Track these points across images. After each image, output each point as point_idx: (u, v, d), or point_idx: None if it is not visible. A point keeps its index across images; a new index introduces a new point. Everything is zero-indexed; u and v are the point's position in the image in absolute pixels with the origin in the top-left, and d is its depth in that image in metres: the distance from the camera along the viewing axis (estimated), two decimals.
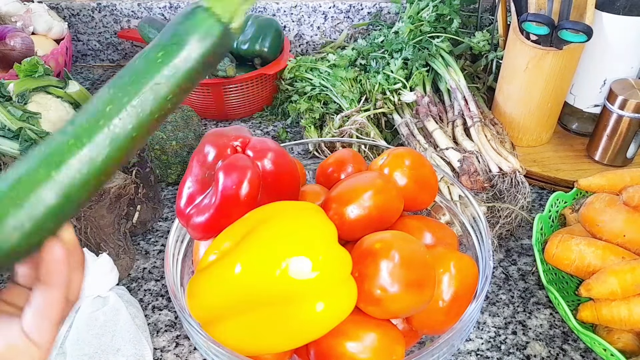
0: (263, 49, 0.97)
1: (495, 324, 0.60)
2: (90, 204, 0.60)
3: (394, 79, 0.88)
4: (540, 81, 0.76)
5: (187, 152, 0.82)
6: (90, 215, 0.62)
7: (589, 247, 0.56)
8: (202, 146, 0.49)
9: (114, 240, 0.65)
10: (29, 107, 0.74)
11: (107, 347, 0.53)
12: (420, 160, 0.55)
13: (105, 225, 0.63)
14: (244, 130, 0.50)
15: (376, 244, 0.44)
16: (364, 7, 1.11)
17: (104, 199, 0.61)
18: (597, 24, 0.73)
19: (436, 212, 0.63)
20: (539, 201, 0.78)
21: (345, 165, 0.59)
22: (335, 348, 0.43)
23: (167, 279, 0.49)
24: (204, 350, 0.46)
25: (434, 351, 0.43)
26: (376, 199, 0.48)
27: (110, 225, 0.64)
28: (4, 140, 0.72)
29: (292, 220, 0.42)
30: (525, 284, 0.65)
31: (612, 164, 0.79)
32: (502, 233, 0.69)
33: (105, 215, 0.62)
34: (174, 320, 0.62)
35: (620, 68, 0.77)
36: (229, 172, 0.45)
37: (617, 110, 0.73)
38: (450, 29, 0.94)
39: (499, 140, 0.77)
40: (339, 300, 0.41)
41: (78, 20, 1.20)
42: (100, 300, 0.56)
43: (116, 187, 0.61)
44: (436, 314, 0.47)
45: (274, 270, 0.39)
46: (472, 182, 0.71)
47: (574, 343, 0.58)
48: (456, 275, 0.47)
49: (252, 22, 0.98)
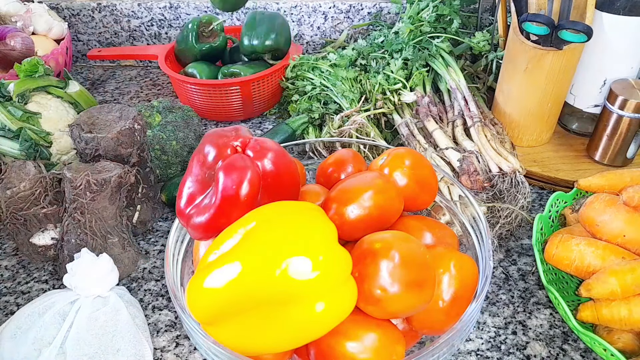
0: (274, 44, 0.97)
1: (495, 324, 0.60)
2: (93, 195, 0.61)
3: (394, 79, 0.88)
4: (540, 81, 0.76)
5: (187, 152, 0.82)
6: (93, 208, 0.62)
7: (589, 247, 0.56)
8: (202, 146, 0.49)
9: (118, 232, 0.65)
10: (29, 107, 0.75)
11: (107, 347, 0.53)
12: (421, 160, 0.55)
13: (108, 217, 0.63)
14: (244, 130, 0.50)
15: (376, 244, 0.44)
16: (364, 7, 1.11)
17: (105, 189, 0.61)
18: (597, 24, 0.73)
19: (436, 212, 0.63)
20: (539, 201, 0.78)
21: (345, 165, 0.59)
22: (335, 348, 0.43)
23: (167, 279, 0.49)
24: (204, 350, 0.46)
25: (434, 351, 0.43)
26: (376, 199, 0.48)
27: (113, 218, 0.64)
28: (4, 140, 0.72)
29: (292, 220, 0.42)
30: (525, 284, 0.65)
31: (612, 164, 0.79)
32: (502, 233, 0.69)
33: (107, 207, 0.63)
34: (174, 320, 0.62)
35: (620, 68, 0.77)
36: (229, 172, 0.45)
37: (617, 111, 0.73)
38: (451, 29, 0.94)
39: (499, 140, 0.77)
40: (339, 300, 0.41)
41: (78, 20, 1.20)
42: (100, 300, 0.56)
43: (116, 177, 0.62)
44: (436, 314, 0.47)
45: (274, 270, 0.39)
46: (472, 182, 0.71)
47: (574, 343, 0.58)
48: (456, 275, 0.47)
49: (261, 18, 0.98)
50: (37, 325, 0.54)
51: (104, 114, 0.68)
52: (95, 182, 0.61)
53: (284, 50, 0.99)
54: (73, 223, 0.63)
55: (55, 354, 0.52)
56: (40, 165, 0.67)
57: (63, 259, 0.65)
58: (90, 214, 0.62)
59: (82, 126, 0.66)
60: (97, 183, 0.61)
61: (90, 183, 0.60)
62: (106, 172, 0.62)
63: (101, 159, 0.65)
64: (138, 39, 1.22)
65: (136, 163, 0.69)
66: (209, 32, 1.01)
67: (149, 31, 1.20)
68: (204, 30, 1.01)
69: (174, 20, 1.18)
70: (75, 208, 0.62)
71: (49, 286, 0.67)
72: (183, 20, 1.17)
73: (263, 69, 0.97)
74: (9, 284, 0.67)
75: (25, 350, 0.53)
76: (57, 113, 0.77)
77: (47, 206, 0.65)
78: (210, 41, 1.02)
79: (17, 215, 0.64)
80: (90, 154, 0.66)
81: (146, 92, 1.12)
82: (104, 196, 0.62)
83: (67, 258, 0.64)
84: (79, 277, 0.56)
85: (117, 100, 1.10)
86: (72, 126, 0.66)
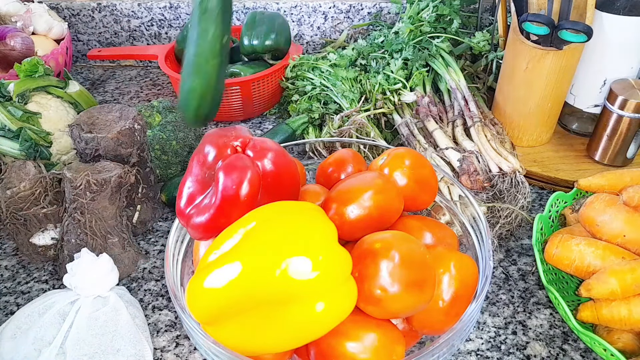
0: (274, 44, 0.97)
1: (495, 324, 0.60)
2: (93, 195, 0.61)
3: (394, 79, 0.88)
4: (540, 81, 0.76)
5: (187, 152, 0.82)
6: (93, 208, 0.62)
7: (589, 247, 0.56)
8: (202, 146, 0.49)
9: (118, 232, 0.65)
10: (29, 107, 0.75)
11: (107, 347, 0.53)
12: (421, 160, 0.55)
13: (108, 217, 0.63)
14: (244, 130, 0.50)
15: (376, 244, 0.44)
16: (364, 7, 1.11)
17: (105, 189, 0.61)
18: (597, 24, 0.73)
19: (436, 212, 0.63)
20: (539, 201, 0.78)
21: (345, 165, 0.59)
22: (335, 348, 0.43)
23: (167, 279, 0.49)
24: (204, 350, 0.46)
25: (434, 351, 0.43)
26: (376, 199, 0.48)
27: (113, 218, 0.64)
28: (4, 140, 0.72)
29: (292, 220, 0.42)
30: (525, 284, 0.65)
31: (612, 164, 0.79)
32: (502, 233, 0.69)
33: (107, 207, 0.63)
34: (174, 320, 0.62)
35: (620, 68, 0.77)
36: (229, 172, 0.45)
37: (617, 111, 0.73)
38: (451, 29, 0.94)
39: (499, 140, 0.77)
40: (339, 300, 0.41)
41: (78, 20, 1.20)
42: (100, 300, 0.56)
43: (116, 176, 0.62)
44: (436, 314, 0.47)
45: (274, 270, 0.39)
46: (472, 181, 0.71)
47: (574, 343, 0.58)
48: (456, 275, 0.47)
49: (261, 18, 0.98)
50: (37, 325, 0.54)
51: (104, 114, 0.68)
52: (95, 182, 0.61)
53: (284, 50, 0.99)
54: (73, 223, 0.63)
55: (55, 354, 0.52)
56: (40, 165, 0.67)
57: (63, 259, 0.65)
58: (90, 214, 0.62)
59: (82, 126, 0.66)
60: (97, 183, 0.61)
61: (90, 183, 0.60)
62: (106, 172, 0.62)
63: (101, 159, 0.65)
64: (138, 39, 1.22)
65: (136, 163, 0.69)
66: None
67: (149, 31, 1.20)
68: None
69: (174, 20, 1.18)
70: (75, 208, 0.62)
71: (49, 286, 0.67)
72: (183, 20, 1.17)
73: (263, 69, 0.97)
74: (9, 284, 0.67)
75: (25, 350, 0.53)
76: (57, 113, 0.77)
77: (47, 206, 0.65)
78: None
79: (17, 215, 0.64)
80: (90, 154, 0.66)
81: (146, 92, 1.12)
82: (104, 196, 0.62)
83: (67, 258, 0.64)
84: (79, 277, 0.56)
85: (117, 100, 1.10)
86: (72, 126, 0.66)
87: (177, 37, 1.03)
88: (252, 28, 0.97)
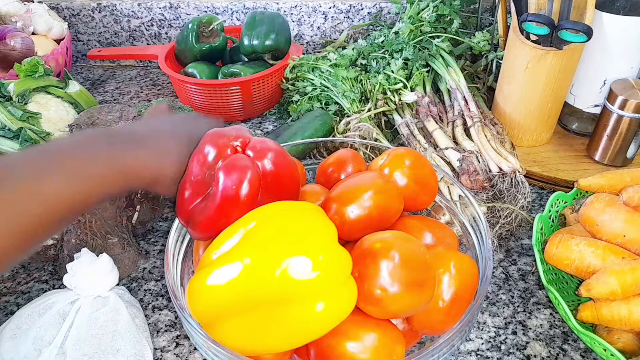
0: (274, 44, 0.97)
1: (495, 324, 0.60)
2: None
3: (394, 79, 0.88)
4: (540, 81, 0.76)
5: None
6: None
7: (589, 247, 0.56)
8: (202, 146, 0.48)
9: (118, 232, 0.65)
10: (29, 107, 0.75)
11: (107, 347, 0.53)
12: (421, 160, 0.55)
13: (108, 217, 0.63)
14: (244, 130, 0.50)
15: (376, 244, 0.44)
16: (364, 7, 1.11)
17: None
18: (597, 24, 0.73)
19: (436, 212, 0.63)
20: (539, 201, 0.78)
21: (345, 165, 0.59)
22: (335, 348, 0.43)
23: (167, 279, 0.49)
24: (204, 350, 0.46)
25: (434, 351, 0.43)
26: (376, 199, 0.48)
27: (113, 218, 0.64)
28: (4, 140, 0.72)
29: (292, 220, 0.42)
30: (525, 284, 0.65)
31: (612, 164, 0.79)
32: (502, 233, 0.69)
33: (107, 207, 0.63)
34: (174, 320, 0.62)
35: (620, 68, 0.77)
36: (229, 172, 0.45)
37: (617, 111, 0.73)
38: (451, 29, 0.94)
39: (499, 140, 0.77)
40: (339, 300, 0.41)
41: (78, 20, 1.20)
42: (100, 300, 0.56)
43: None
44: (436, 314, 0.47)
45: (274, 270, 0.39)
46: (472, 181, 0.71)
47: (574, 343, 0.58)
48: (456, 275, 0.47)
49: (261, 18, 0.98)
50: (37, 325, 0.54)
51: (104, 114, 0.68)
52: None
53: (284, 50, 0.99)
54: (73, 223, 0.63)
55: (55, 354, 0.52)
56: None
57: (63, 259, 0.65)
58: (90, 214, 0.62)
59: (82, 126, 0.66)
60: None
61: None
62: None
63: None
64: (138, 39, 1.22)
65: None
66: (209, 32, 1.01)
67: (149, 31, 1.20)
68: (204, 30, 1.01)
69: (174, 20, 1.18)
70: None
71: (49, 286, 0.67)
72: (183, 20, 1.17)
73: (263, 69, 0.97)
74: (9, 284, 0.67)
75: (25, 350, 0.53)
76: (57, 113, 0.77)
77: None
78: (210, 41, 1.01)
79: None
80: None
81: (146, 92, 1.12)
82: None
83: (67, 258, 0.64)
84: (79, 277, 0.56)
85: (117, 100, 1.10)
86: (72, 126, 0.66)
87: (177, 37, 1.03)
88: (252, 28, 0.97)
